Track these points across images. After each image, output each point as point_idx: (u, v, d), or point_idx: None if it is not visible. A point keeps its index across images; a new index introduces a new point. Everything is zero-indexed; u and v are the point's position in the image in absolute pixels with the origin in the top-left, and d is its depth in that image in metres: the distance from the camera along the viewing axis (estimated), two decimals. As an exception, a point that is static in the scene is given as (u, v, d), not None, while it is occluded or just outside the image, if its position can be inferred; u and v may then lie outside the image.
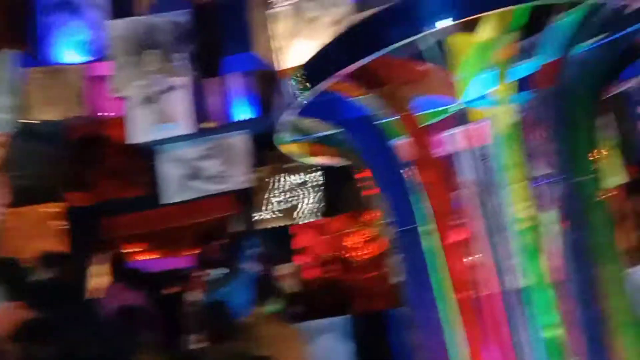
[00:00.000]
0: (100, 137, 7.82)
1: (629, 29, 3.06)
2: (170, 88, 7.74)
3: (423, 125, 3.41)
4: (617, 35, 3.06)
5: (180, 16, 8.10)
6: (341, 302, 6.39)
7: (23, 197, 7.31)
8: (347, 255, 7.52)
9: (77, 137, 7.83)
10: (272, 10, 8.19)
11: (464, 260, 3.35)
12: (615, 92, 3.58)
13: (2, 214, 7.08)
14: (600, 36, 3.10)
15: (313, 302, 6.09)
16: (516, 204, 3.09)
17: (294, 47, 8.11)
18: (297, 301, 5.35)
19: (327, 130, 3.78)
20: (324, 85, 3.09)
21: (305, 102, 3.21)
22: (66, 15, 8.46)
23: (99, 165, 7.57)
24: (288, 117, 3.46)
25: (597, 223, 2.90)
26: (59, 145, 7.86)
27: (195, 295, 5.54)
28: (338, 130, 3.68)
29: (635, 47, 3.32)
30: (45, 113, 7.66)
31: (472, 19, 2.99)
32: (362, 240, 7.43)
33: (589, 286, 2.81)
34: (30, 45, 8.18)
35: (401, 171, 3.42)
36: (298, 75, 3.25)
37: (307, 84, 3.11)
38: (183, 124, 7.61)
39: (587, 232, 2.94)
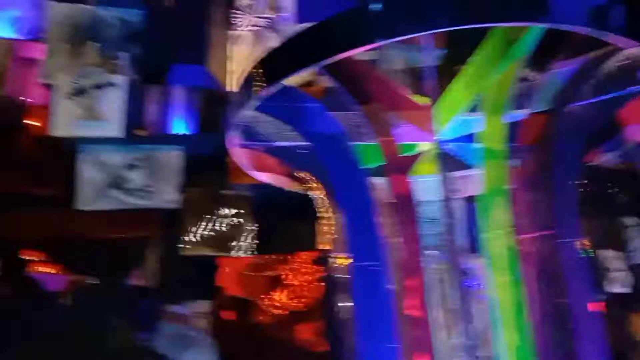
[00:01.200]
0: (16, 121, 6.95)
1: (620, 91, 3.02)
2: (106, 85, 7.08)
3: (401, 155, 3.16)
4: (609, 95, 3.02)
5: (132, 14, 7.58)
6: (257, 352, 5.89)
7: None
8: (273, 301, 7.00)
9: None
10: (234, 32, 7.90)
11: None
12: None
13: None
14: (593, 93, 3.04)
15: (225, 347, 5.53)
16: (494, 257, 2.85)
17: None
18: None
19: (288, 140, 3.43)
20: (286, 79, 2.84)
21: (263, 95, 2.91)
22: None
23: (9, 152, 6.65)
24: (247, 111, 3.11)
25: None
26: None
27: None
28: (302, 144, 3.34)
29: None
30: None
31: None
32: (296, 285, 6.94)
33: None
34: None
35: (369, 201, 3.11)
36: (257, 68, 2.99)
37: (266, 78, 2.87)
38: (113, 126, 6.93)
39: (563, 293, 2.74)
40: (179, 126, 7.49)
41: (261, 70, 2.88)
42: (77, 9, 7.46)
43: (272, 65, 2.90)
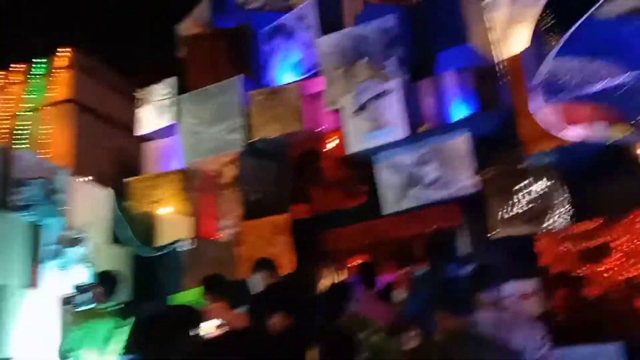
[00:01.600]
0: (318, 151, 7.91)
1: None
2: (382, 94, 7.48)
3: None
4: None
5: (388, 22, 7.88)
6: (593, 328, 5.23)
7: (253, 210, 7.68)
8: (603, 272, 6.20)
9: (298, 152, 8.03)
10: (487, 1, 7.53)
11: None
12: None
13: (236, 226, 7.51)
14: None
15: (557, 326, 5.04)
16: None
17: (513, 36, 7.29)
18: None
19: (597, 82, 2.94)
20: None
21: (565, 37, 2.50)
22: (282, 40, 8.92)
23: (319, 178, 7.61)
24: (548, 63, 2.76)
25: None
26: (282, 161, 8.16)
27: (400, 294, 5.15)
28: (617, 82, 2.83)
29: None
30: (268, 131, 8.03)
31: None
32: (629, 249, 6.03)
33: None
34: (253, 70, 8.77)
35: None
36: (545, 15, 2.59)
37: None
38: (397, 129, 7.27)
39: None
40: (458, 111, 7.39)
41: (551, 14, 2.54)
42: (340, 36, 8.15)
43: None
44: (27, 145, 9.18)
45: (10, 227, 6.06)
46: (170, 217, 8.26)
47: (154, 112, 9.11)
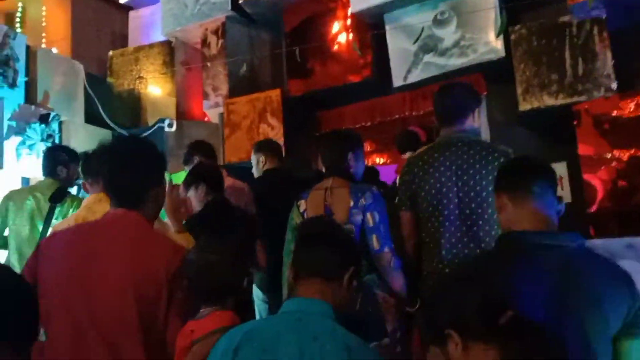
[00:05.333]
0: (316, 16, 6.65)
1: None
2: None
3: None
4: None
5: None
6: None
7: (242, 86, 6.71)
8: None
9: (295, 20, 6.81)
10: None
11: None
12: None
13: (223, 105, 6.60)
14: None
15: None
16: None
17: None
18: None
19: None
20: None
21: None
22: None
23: (318, 49, 6.44)
24: None
25: None
26: (276, 29, 7.00)
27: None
28: None
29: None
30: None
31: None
32: None
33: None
34: None
35: None
36: None
37: None
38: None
39: None
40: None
41: None
42: None
43: None
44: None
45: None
46: (154, 95, 7.43)
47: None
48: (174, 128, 6.42)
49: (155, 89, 7.33)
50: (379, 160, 7.36)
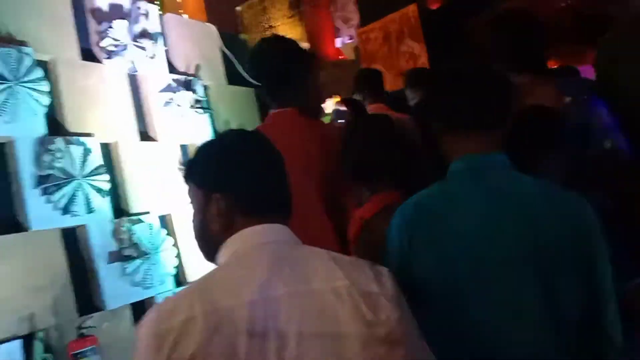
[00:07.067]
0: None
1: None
2: None
3: None
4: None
5: None
6: None
7: (373, 10, 6.17)
8: None
9: None
10: None
11: None
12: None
13: (357, 37, 6.14)
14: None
15: None
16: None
17: None
18: None
19: None
20: None
21: None
22: None
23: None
24: None
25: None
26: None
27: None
28: None
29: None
30: None
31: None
32: None
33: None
34: None
35: None
36: None
37: None
38: None
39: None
40: None
41: None
42: None
43: None
44: None
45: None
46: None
47: None
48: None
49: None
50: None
